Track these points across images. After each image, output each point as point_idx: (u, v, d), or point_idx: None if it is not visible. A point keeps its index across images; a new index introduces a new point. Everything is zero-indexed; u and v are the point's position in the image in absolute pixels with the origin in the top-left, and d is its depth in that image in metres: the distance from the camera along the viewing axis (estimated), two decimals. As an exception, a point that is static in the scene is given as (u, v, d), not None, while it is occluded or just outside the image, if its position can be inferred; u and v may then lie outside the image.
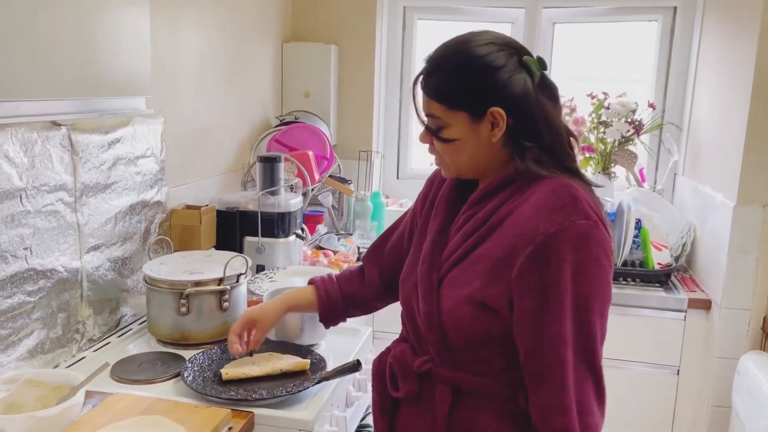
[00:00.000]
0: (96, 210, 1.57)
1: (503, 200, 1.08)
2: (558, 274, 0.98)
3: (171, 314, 1.55)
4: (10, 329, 1.33)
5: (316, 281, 1.41)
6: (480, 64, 1.06)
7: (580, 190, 1.04)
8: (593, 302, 1.01)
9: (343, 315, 1.41)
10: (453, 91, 1.07)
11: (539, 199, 1.03)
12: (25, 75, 1.27)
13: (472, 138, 1.08)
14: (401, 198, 3.00)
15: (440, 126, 1.09)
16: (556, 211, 1.00)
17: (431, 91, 1.09)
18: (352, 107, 2.88)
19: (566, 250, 0.98)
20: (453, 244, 1.12)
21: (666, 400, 2.28)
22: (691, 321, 2.22)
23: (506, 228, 1.05)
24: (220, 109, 2.26)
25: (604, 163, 2.66)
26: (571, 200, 1.02)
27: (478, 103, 1.06)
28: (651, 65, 2.80)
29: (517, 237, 1.02)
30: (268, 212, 2.04)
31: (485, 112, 1.05)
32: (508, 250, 1.02)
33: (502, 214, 1.07)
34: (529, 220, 1.02)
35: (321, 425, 1.34)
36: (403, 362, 1.16)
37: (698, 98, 2.56)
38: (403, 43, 2.98)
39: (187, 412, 1.24)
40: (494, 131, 1.07)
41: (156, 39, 1.79)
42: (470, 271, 1.07)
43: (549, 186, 1.05)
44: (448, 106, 1.07)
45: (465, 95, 1.06)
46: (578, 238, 0.99)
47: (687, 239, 2.43)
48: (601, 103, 2.66)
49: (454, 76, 1.07)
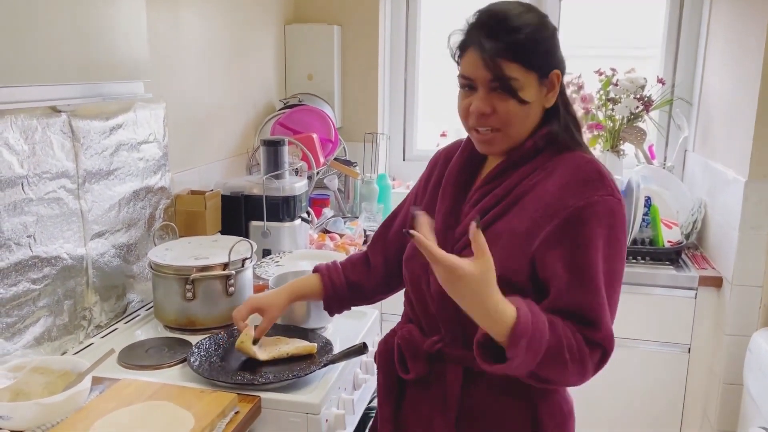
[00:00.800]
0: (99, 197, 1.56)
1: (524, 175, 1.07)
2: (587, 247, 0.98)
3: (177, 300, 1.55)
4: (16, 317, 1.33)
5: (321, 269, 1.40)
6: (549, 26, 1.07)
7: (603, 166, 1.05)
8: (618, 278, 1.03)
9: (348, 304, 1.41)
10: (532, 51, 1.04)
11: (564, 174, 1.03)
12: (21, 60, 1.25)
13: (537, 101, 1.07)
14: (408, 180, 2.98)
15: (516, 88, 1.04)
16: (584, 185, 1.01)
17: (510, 49, 1.02)
18: (356, 89, 2.85)
19: (596, 224, 0.99)
20: (468, 221, 1.10)
21: (677, 378, 2.27)
22: (702, 299, 2.20)
23: (528, 203, 1.04)
24: (223, 92, 2.24)
25: (612, 140, 2.62)
26: (598, 175, 1.02)
27: (547, 64, 1.06)
28: (660, 40, 2.74)
29: (541, 211, 1.02)
30: (273, 196, 2.03)
31: (549, 74, 1.06)
32: (531, 224, 1.02)
33: (523, 189, 1.06)
34: (555, 195, 1.01)
35: (328, 408, 1.33)
36: (412, 343, 1.15)
37: (709, 72, 2.51)
38: (407, 22, 2.94)
39: (194, 397, 1.24)
40: (548, 96, 1.08)
41: (156, 23, 1.77)
42: (489, 247, 1.05)
43: (573, 161, 1.05)
44: (525, 66, 1.04)
45: (541, 55, 1.05)
46: (607, 214, 1.00)
47: (697, 216, 2.39)
48: (609, 79, 2.61)
49: (535, 36, 1.04)
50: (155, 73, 1.75)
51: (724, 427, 2.14)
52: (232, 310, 1.58)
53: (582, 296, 0.99)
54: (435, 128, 2.93)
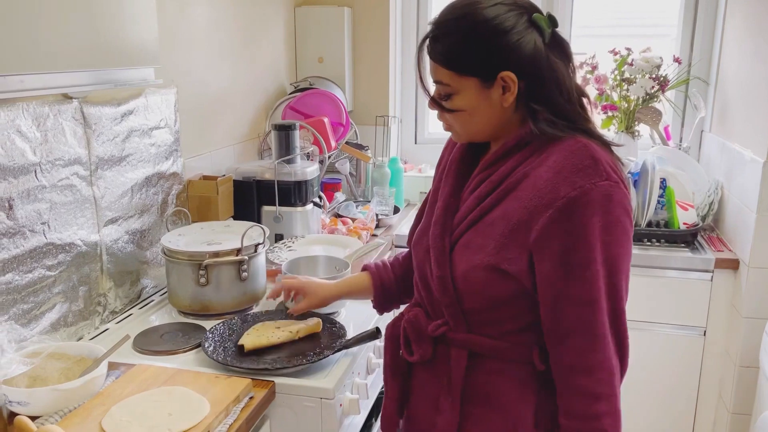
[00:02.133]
0: (112, 183, 1.56)
1: (518, 162, 1.06)
2: (583, 237, 0.97)
3: (190, 285, 1.56)
4: (32, 303, 1.34)
5: (371, 268, 1.39)
6: (489, 28, 1.01)
7: (599, 150, 1.02)
8: (620, 262, 1.01)
9: (397, 301, 1.40)
10: (462, 57, 1.03)
11: (557, 161, 1.01)
12: (32, 48, 1.25)
13: (483, 104, 1.05)
14: (419, 163, 2.96)
15: (449, 93, 1.06)
16: (576, 173, 0.98)
17: (439, 56, 1.05)
18: (367, 72, 2.83)
19: (590, 213, 0.97)
20: (466, 207, 1.11)
21: (692, 361, 2.25)
22: (718, 281, 2.18)
23: (522, 190, 1.03)
24: (234, 77, 2.23)
25: (627, 121, 2.59)
26: (591, 161, 0.99)
27: (488, 67, 1.02)
28: (676, 18, 2.69)
29: (535, 200, 1.00)
30: (284, 181, 2.02)
31: (496, 77, 1.02)
32: (526, 213, 1.01)
33: (518, 177, 1.05)
34: (548, 183, 1.00)
35: (342, 393, 1.34)
36: (417, 326, 1.16)
37: (726, 51, 2.46)
38: (419, 4, 2.91)
39: (209, 382, 1.24)
40: (506, 96, 1.04)
41: (166, 7, 1.76)
42: (484, 235, 1.06)
43: (567, 147, 1.02)
44: (457, 72, 1.04)
45: (475, 60, 1.03)
46: (602, 201, 0.97)
47: (714, 198, 2.36)
48: (624, 59, 2.57)
49: (463, 40, 1.03)
50: (166, 58, 1.74)
51: (739, 410, 2.13)
52: (246, 296, 1.60)
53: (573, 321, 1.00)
54: (447, 111, 2.90)
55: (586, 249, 0.97)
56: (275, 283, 1.44)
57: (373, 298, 1.39)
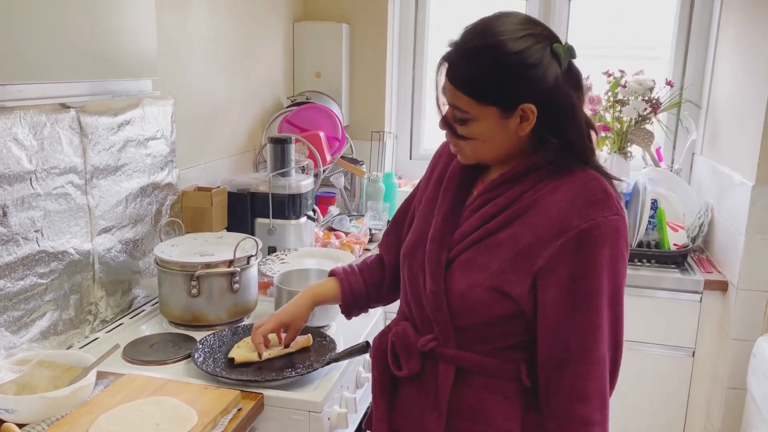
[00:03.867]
0: (107, 192, 1.57)
1: (527, 187, 1.07)
2: (593, 268, 1.00)
3: (182, 296, 1.56)
4: (23, 310, 1.34)
5: (338, 273, 1.38)
6: (516, 61, 1.00)
7: (608, 185, 1.05)
8: (622, 293, 1.04)
9: (365, 306, 1.40)
10: (485, 86, 1.02)
11: (570, 192, 1.03)
12: (30, 57, 1.26)
13: (500, 132, 1.05)
14: (414, 179, 2.98)
15: (466, 119, 1.05)
16: (589, 205, 1.01)
17: (460, 82, 1.03)
18: (364, 87, 2.85)
19: (600, 245, 1.00)
20: (468, 226, 1.10)
21: (681, 382, 2.26)
22: (707, 303, 2.19)
23: (533, 216, 1.04)
24: (231, 90, 2.25)
25: (620, 142, 2.62)
26: (603, 195, 1.02)
27: (510, 99, 1.02)
28: (669, 42, 2.73)
29: (545, 227, 1.02)
30: (279, 194, 2.03)
31: (516, 108, 1.02)
32: (534, 239, 1.02)
33: (527, 202, 1.06)
34: (560, 212, 1.01)
35: (330, 406, 1.34)
36: (405, 340, 1.16)
37: (718, 75, 2.50)
38: (416, 21, 2.94)
39: (197, 393, 1.25)
40: (523, 125, 1.04)
41: (164, 20, 1.78)
42: (488, 255, 1.06)
43: (580, 178, 1.04)
44: (477, 100, 1.03)
45: (497, 91, 1.02)
46: (611, 234, 1.00)
47: (704, 220, 2.39)
48: (617, 81, 2.61)
49: (488, 70, 1.01)
50: (164, 69, 1.75)
51: (727, 432, 2.14)
52: (238, 307, 1.60)
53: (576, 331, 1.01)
54: (442, 127, 2.93)
55: (594, 279, 1.00)
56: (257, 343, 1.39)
57: (341, 304, 1.38)
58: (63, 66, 1.34)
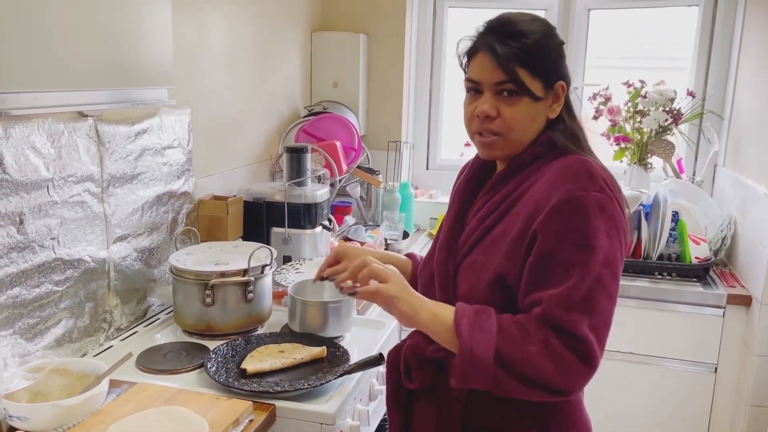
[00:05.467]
0: (123, 200, 1.58)
1: (519, 182, 1.09)
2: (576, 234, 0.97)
3: (196, 305, 1.56)
4: (38, 318, 1.35)
5: (415, 257, 1.37)
6: (557, 37, 1.09)
7: (596, 167, 1.04)
8: (615, 270, 0.99)
9: None
10: (539, 58, 1.06)
11: (553, 174, 1.04)
12: (49, 65, 1.27)
13: (539, 111, 1.09)
14: (431, 189, 2.97)
15: (517, 92, 1.06)
16: (569, 181, 1.00)
17: (518, 53, 1.04)
18: (381, 97, 2.85)
19: (581, 216, 0.97)
20: (470, 229, 1.12)
21: (703, 398, 2.21)
22: (730, 317, 2.14)
23: (521, 206, 1.05)
24: (249, 99, 2.26)
25: (640, 153, 2.58)
26: (587, 173, 1.02)
27: (554, 74, 1.08)
28: (691, 52, 2.69)
29: (530, 211, 1.02)
30: (294, 203, 2.03)
31: (553, 85, 1.08)
32: (522, 225, 1.03)
33: (517, 195, 1.07)
34: (543, 194, 1.02)
35: (343, 419, 1.32)
36: (417, 351, 1.15)
37: (741, 86, 2.45)
38: (434, 32, 2.94)
39: (210, 403, 1.24)
40: (553, 107, 1.09)
41: (183, 29, 1.79)
42: (486, 254, 1.07)
43: (563, 162, 1.05)
44: (531, 72, 1.06)
45: (547, 64, 1.07)
46: (595, 208, 0.98)
47: (727, 233, 2.34)
48: (637, 91, 2.57)
49: (542, 43, 1.07)
50: (181, 78, 1.76)
51: (751, 451, 2.08)
52: (251, 317, 1.60)
53: (546, 286, 0.97)
54: (459, 138, 2.91)
55: (565, 251, 0.97)
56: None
57: None
58: (80, 74, 1.35)
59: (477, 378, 0.97)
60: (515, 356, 0.95)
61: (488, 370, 0.96)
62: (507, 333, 0.97)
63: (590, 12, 2.77)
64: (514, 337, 0.96)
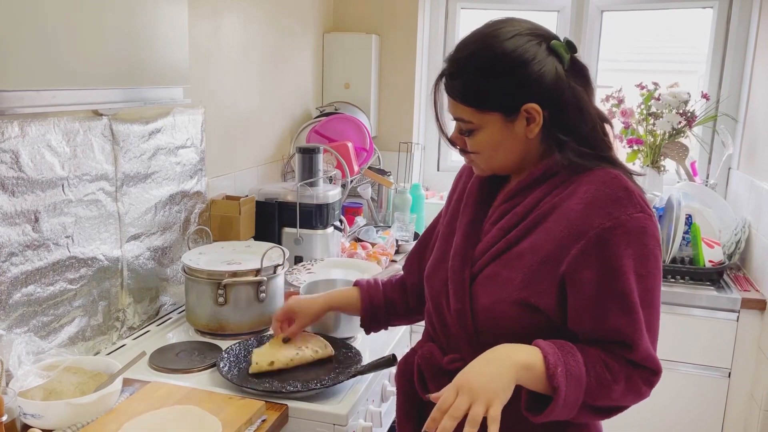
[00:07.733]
0: (136, 200, 1.58)
1: (544, 193, 1.04)
2: (618, 269, 0.96)
3: (209, 304, 1.56)
4: (52, 316, 1.35)
5: (362, 285, 1.37)
6: (509, 61, 0.99)
7: (629, 182, 1.01)
8: (655, 294, 1.00)
9: (384, 323, 1.38)
10: (482, 93, 1.01)
11: (588, 192, 0.99)
12: (65, 64, 1.28)
13: (508, 138, 1.04)
14: (441, 190, 2.96)
15: (471, 129, 1.05)
16: (610, 204, 0.97)
17: (458, 94, 1.03)
18: (392, 98, 2.85)
19: (624, 245, 0.96)
20: (489, 239, 1.08)
21: (716, 403, 2.19)
22: (744, 321, 2.12)
23: (552, 223, 1.01)
24: (261, 99, 2.26)
25: (653, 156, 2.56)
26: (625, 193, 0.98)
27: (510, 101, 1.01)
28: (705, 54, 2.68)
29: (565, 232, 0.99)
30: (306, 203, 2.03)
31: (519, 110, 1.01)
32: (555, 246, 0.99)
33: (546, 209, 1.03)
34: (581, 214, 0.98)
35: (355, 419, 1.32)
36: (432, 362, 1.13)
37: (755, 88, 2.43)
38: (446, 33, 2.93)
39: (222, 402, 1.24)
40: (530, 127, 1.02)
41: (197, 29, 1.80)
42: (511, 268, 1.03)
43: (598, 178, 1.01)
44: (478, 109, 1.02)
45: (496, 95, 1.01)
46: (637, 233, 0.96)
47: (741, 236, 2.32)
48: (651, 93, 2.56)
49: (482, 76, 1.01)
50: (196, 78, 1.77)
51: (765, 457, 2.06)
52: (264, 316, 1.60)
53: (616, 320, 0.97)
54: (471, 139, 2.91)
55: (621, 280, 0.96)
56: None
57: (360, 316, 1.36)
58: (96, 73, 1.35)
59: (559, 416, 0.97)
60: (602, 397, 0.98)
61: (573, 410, 0.97)
62: (593, 374, 0.97)
63: (603, 13, 2.75)
64: (601, 380, 0.97)
